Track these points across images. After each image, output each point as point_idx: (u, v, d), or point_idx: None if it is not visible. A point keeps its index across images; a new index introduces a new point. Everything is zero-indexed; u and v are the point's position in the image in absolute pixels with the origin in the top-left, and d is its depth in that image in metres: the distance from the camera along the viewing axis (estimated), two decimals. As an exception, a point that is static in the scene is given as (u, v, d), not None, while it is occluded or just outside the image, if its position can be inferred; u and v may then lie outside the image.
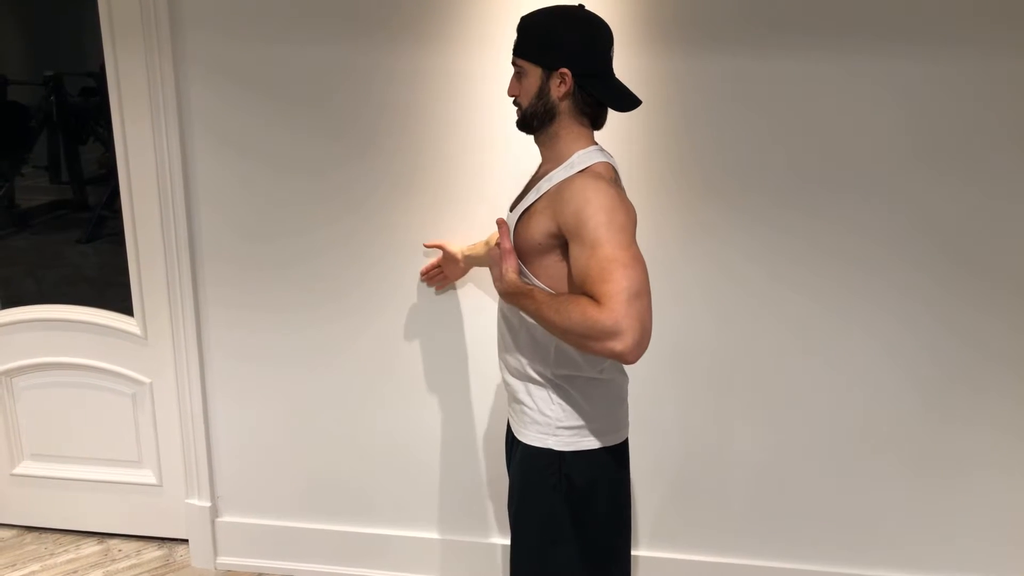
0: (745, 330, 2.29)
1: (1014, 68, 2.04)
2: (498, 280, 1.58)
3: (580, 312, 1.36)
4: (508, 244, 1.56)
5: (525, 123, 1.59)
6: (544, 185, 1.55)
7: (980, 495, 2.35)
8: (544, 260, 1.54)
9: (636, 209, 1.50)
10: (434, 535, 2.55)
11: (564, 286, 1.53)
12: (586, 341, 1.38)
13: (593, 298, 1.37)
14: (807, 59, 2.07)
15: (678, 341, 2.31)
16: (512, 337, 1.65)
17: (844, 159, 2.14)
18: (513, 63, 1.59)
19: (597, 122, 1.59)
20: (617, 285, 1.34)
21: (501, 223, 1.59)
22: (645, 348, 1.35)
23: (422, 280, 2.32)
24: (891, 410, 2.31)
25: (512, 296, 1.55)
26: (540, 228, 1.52)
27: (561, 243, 1.50)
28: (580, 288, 1.42)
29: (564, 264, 1.52)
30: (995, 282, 2.19)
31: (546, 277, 1.55)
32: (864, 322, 2.25)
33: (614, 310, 1.32)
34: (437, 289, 2.33)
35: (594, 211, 1.41)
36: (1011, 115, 2.07)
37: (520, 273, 1.57)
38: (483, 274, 2.31)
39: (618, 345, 1.33)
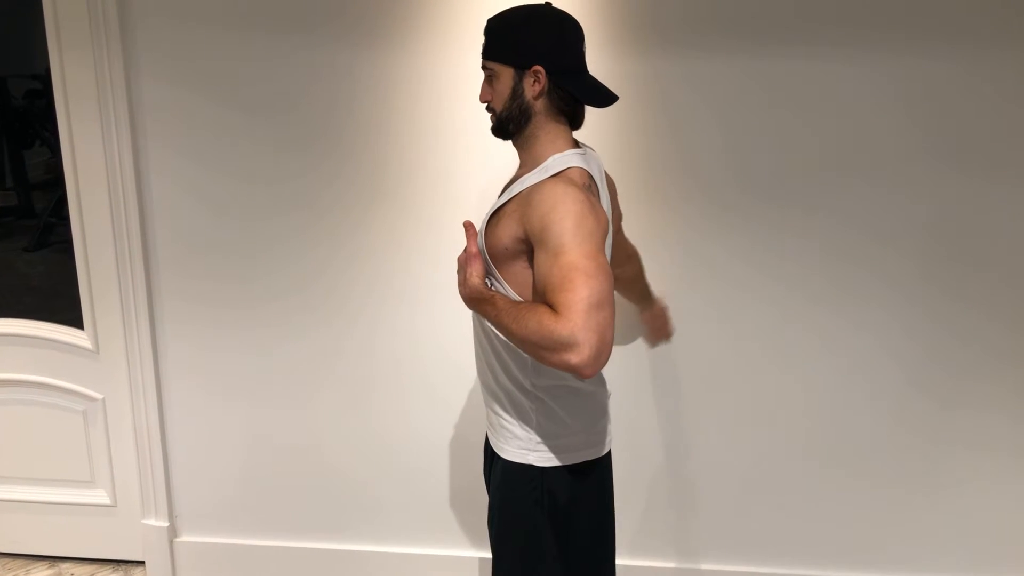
0: (731, 334, 2.27)
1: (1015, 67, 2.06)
2: (462, 285, 1.54)
3: (536, 321, 1.32)
4: (474, 248, 1.52)
5: (501, 128, 1.55)
6: (516, 188, 1.52)
7: (973, 497, 2.35)
8: (512, 266, 1.51)
9: (626, 210, 1.46)
10: (405, 549, 2.50)
11: (532, 293, 1.49)
12: (542, 352, 1.33)
13: (552, 307, 1.32)
14: (802, 56, 2.06)
15: (661, 346, 2.28)
16: (489, 345, 1.62)
17: (836, 160, 2.13)
18: (483, 67, 1.55)
19: (575, 121, 1.57)
20: (577, 294, 1.28)
21: (468, 226, 1.55)
22: (603, 363, 1.30)
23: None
24: (887, 412, 2.30)
25: (474, 302, 1.51)
26: (508, 232, 1.48)
27: (528, 248, 1.47)
28: (542, 296, 1.38)
29: (531, 271, 1.48)
30: (994, 281, 2.20)
31: (515, 284, 1.51)
32: (859, 323, 2.24)
33: (571, 320, 1.27)
34: None
35: (560, 216, 1.37)
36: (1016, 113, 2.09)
37: (487, 278, 1.53)
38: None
39: (574, 358, 1.27)
